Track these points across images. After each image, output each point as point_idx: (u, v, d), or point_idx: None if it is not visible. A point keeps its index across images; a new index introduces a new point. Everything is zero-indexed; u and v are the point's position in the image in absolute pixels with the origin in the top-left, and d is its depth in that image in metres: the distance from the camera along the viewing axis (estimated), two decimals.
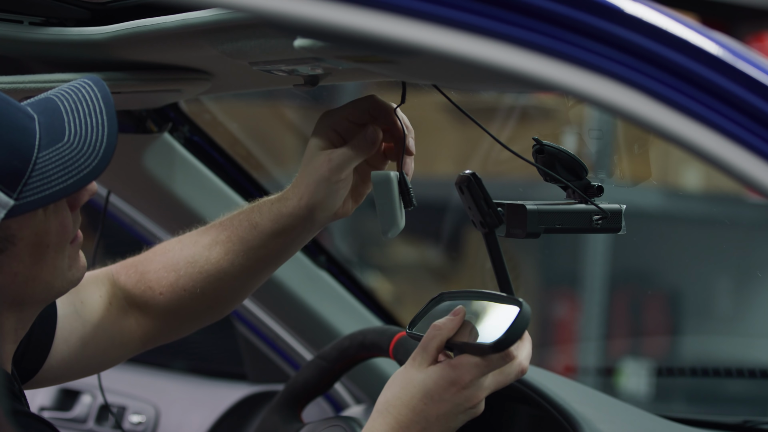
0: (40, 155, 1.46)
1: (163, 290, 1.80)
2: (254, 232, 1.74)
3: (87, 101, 1.51)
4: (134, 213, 2.53)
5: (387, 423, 1.58)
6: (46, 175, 1.45)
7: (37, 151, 1.46)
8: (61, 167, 1.46)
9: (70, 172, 1.46)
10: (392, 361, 2.03)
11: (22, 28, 1.75)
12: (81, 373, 1.85)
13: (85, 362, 1.80)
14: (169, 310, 1.81)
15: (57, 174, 1.45)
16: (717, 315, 5.83)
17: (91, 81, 1.54)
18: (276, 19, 1.20)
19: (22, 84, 1.72)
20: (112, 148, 1.48)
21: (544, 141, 1.64)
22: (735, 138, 1.17)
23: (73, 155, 1.46)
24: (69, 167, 1.46)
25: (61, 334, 1.75)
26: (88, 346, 1.79)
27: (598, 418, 1.99)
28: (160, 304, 1.81)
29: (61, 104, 1.51)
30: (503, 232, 1.63)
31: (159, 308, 1.81)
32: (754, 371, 2.91)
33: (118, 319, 1.82)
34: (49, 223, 1.50)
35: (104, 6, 1.77)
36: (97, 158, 1.47)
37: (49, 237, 1.50)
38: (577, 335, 5.63)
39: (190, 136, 2.34)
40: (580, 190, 1.64)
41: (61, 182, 1.45)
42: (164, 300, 1.80)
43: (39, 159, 1.45)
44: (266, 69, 1.66)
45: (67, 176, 1.46)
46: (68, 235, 1.53)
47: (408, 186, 1.66)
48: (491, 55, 1.14)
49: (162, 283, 1.80)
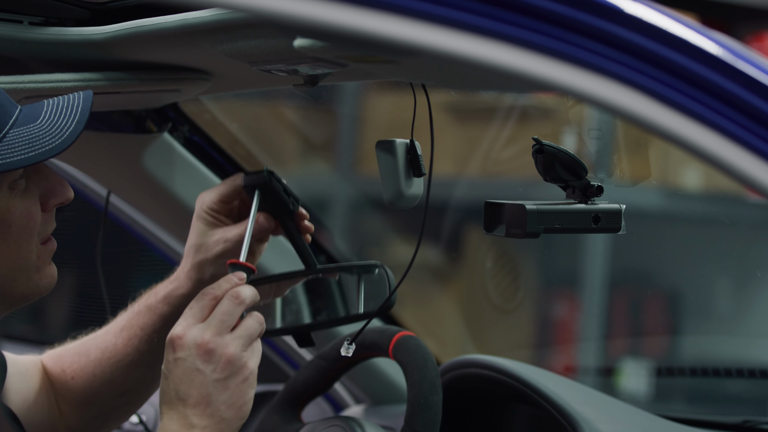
0: (11, 131, 1.49)
1: (75, 374, 1.81)
2: (152, 316, 1.76)
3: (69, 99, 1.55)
4: (134, 213, 2.53)
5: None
6: (12, 148, 1.48)
7: (9, 127, 1.49)
8: (26, 142, 1.48)
9: (34, 147, 1.48)
10: (392, 361, 2.03)
11: (22, 28, 1.75)
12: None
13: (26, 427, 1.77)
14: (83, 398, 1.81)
15: (21, 147, 1.48)
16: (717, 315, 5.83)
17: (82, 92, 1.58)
18: (276, 19, 1.20)
19: (22, 84, 1.72)
20: (78, 131, 1.50)
21: (544, 141, 1.64)
22: (735, 138, 1.17)
23: (41, 134, 1.49)
24: (34, 143, 1.48)
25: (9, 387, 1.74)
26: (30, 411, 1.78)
27: (598, 418, 1.99)
28: (72, 389, 1.81)
29: (47, 102, 1.55)
30: (503, 232, 1.63)
31: (73, 394, 1.82)
32: (754, 371, 2.91)
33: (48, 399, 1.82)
34: (14, 202, 1.51)
35: (104, 6, 1.77)
36: (61, 138, 1.50)
37: (11, 216, 1.51)
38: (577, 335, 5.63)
39: (190, 136, 2.33)
40: (580, 190, 1.64)
41: (22, 154, 1.47)
42: (76, 385, 1.81)
43: (9, 134, 1.49)
44: (266, 69, 1.66)
45: (29, 150, 1.48)
46: (33, 224, 1.53)
47: (418, 153, 1.65)
48: (491, 55, 1.14)
49: (74, 366, 1.81)
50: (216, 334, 1.53)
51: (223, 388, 1.52)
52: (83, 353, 1.81)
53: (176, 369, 1.53)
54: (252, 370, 1.55)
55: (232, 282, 1.58)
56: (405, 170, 1.64)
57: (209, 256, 1.73)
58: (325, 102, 4.43)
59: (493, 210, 1.63)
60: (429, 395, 1.89)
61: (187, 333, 1.53)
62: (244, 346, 1.54)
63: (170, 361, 1.54)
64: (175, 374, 1.53)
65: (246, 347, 1.55)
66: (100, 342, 1.81)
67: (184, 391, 1.52)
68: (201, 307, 1.55)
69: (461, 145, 5.22)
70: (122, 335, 1.79)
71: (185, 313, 1.56)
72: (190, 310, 1.56)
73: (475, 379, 2.18)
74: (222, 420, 1.53)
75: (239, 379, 1.53)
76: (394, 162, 1.64)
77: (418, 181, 1.65)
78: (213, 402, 1.52)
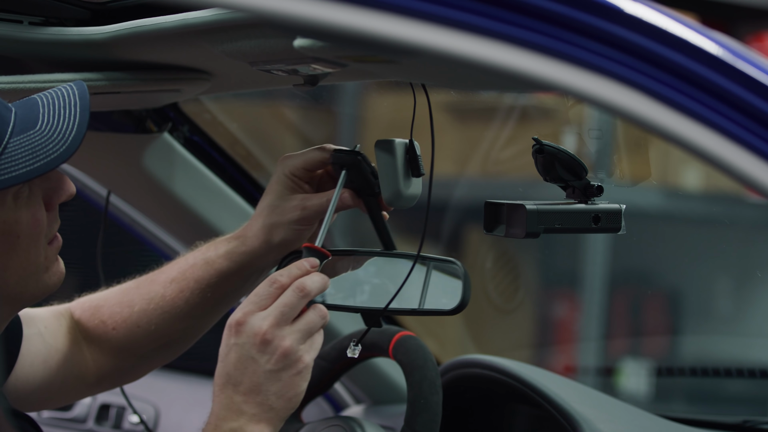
0: (11, 140, 1.47)
1: (117, 325, 1.80)
2: (210, 270, 1.75)
3: (64, 97, 1.53)
4: (134, 213, 2.53)
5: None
6: (15, 159, 1.46)
7: (8, 136, 1.47)
8: (30, 152, 1.47)
9: (37, 157, 1.47)
10: (392, 361, 2.03)
11: (22, 28, 1.75)
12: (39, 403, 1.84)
13: (45, 388, 1.78)
14: (122, 347, 1.81)
15: (24, 158, 1.47)
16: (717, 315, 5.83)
17: (74, 83, 1.56)
18: (276, 19, 1.20)
19: (22, 84, 1.72)
20: (80, 136, 1.49)
21: (544, 141, 1.64)
22: (735, 138, 1.17)
23: (43, 141, 1.48)
24: (37, 152, 1.47)
25: (26, 354, 1.75)
26: (50, 371, 1.78)
27: (598, 418, 1.99)
28: (112, 339, 1.81)
29: (40, 100, 1.53)
30: (503, 232, 1.63)
31: (112, 344, 1.81)
32: (754, 371, 2.91)
33: (75, 350, 1.81)
34: (20, 212, 1.50)
35: (104, 6, 1.77)
36: (65, 145, 1.48)
37: (19, 227, 1.50)
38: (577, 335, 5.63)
39: (190, 136, 2.33)
40: (580, 190, 1.64)
41: (27, 165, 1.46)
42: (117, 336, 1.80)
43: (10, 144, 1.47)
44: (266, 69, 1.66)
45: (33, 160, 1.47)
46: (40, 230, 1.53)
47: (417, 153, 1.65)
48: (491, 55, 1.14)
49: (116, 318, 1.80)
50: (275, 325, 1.52)
51: (276, 380, 1.53)
52: (126, 304, 1.80)
53: (232, 354, 1.53)
54: (307, 364, 1.54)
55: (303, 269, 1.56)
56: (404, 170, 1.64)
57: (284, 220, 1.70)
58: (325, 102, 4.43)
59: (493, 210, 1.63)
60: (429, 395, 1.89)
61: (247, 320, 1.52)
62: (301, 340, 1.54)
63: (228, 345, 1.54)
64: (230, 359, 1.53)
65: (303, 341, 1.54)
66: (144, 292, 1.79)
67: (237, 378, 1.53)
68: (266, 295, 1.54)
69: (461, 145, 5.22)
70: (172, 287, 1.77)
71: (249, 297, 1.54)
72: (255, 296, 1.54)
73: (475, 379, 2.18)
74: (271, 409, 1.53)
75: (292, 372, 1.53)
76: (393, 162, 1.63)
77: (417, 181, 1.65)
78: (263, 392, 1.53)
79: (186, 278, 1.76)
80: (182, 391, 2.97)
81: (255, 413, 1.53)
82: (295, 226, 1.69)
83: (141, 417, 2.85)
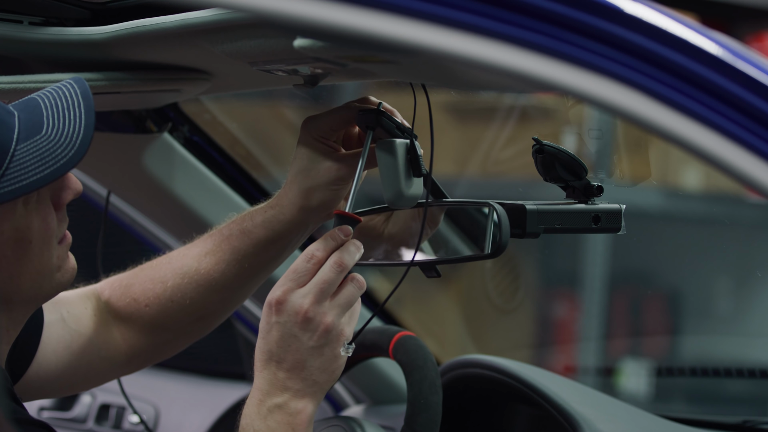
0: (18, 147, 1.46)
1: (149, 302, 1.80)
2: (246, 240, 1.74)
3: (66, 97, 1.52)
4: (134, 213, 2.53)
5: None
6: (24, 166, 1.46)
7: (15, 143, 1.46)
8: (38, 158, 1.46)
9: (47, 163, 1.46)
10: (392, 361, 2.03)
11: (22, 28, 1.75)
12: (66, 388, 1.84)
13: (71, 373, 1.78)
14: (156, 323, 1.80)
15: (34, 165, 1.46)
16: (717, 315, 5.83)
17: (73, 80, 1.55)
18: (276, 19, 1.20)
19: (22, 84, 1.72)
20: (88, 139, 1.49)
21: (544, 141, 1.64)
22: (735, 138, 1.17)
23: (50, 147, 1.47)
24: (46, 158, 1.47)
25: (48, 341, 1.75)
26: (75, 356, 1.78)
27: (598, 418, 1.99)
28: (145, 316, 1.80)
29: (42, 102, 1.52)
30: None
31: (144, 321, 1.81)
32: (754, 371, 2.91)
33: (103, 332, 1.81)
34: (30, 218, 1.50)
35: (104, 6, 1.77)
36: (73, 149, 1.48)
37: (31, 232, 1.50)
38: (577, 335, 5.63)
39: (190, 136, 2.33)
40: (580, 190, 1.64)
41: (37, 172, 1.46)
42: (150, 312, 1.80)
43: (17, 151, 1.46)
44: (266, 69, 1.66)
45: (43, 167, 1.46)
46: (51, 232, 1.53)
47: (418, 153, 1.64)
48: (491, 55, 1.14)
49: (148, 294, 1.80)
50: (315, 302, 1.52)
51: (318, 355, 1.53)
52: (158, 280, 1.79)
53: (273, 332, 1.53)
54: (348, 337, 1.55)
55: (338, 240, 1.56)
56: (405, 170, 1.64)
57: (320, 182, 1.68)
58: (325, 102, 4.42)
59: None
60: (429, 395, 1.89)
61: (287, 298, 1.52)
62: (341, 314, 1.54)
63: (269, 323, 1.53)
64: (272, 336, 1.53)
65: (344, 314, 1.54)
66: (177, 267, 1.78)
67: (280, 355, 1.53)
68: (304, 271, 1.53)
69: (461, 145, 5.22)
70: (207, 259, 1.76)
71: (287, 274, 1.54)
72: (293, 272, 1.54)
73: (475, 379, 2.18)
74: (315, 383, 1.54)
75: (335, 346, 1.54)
76: (394, 162, 1.63)
77: (418, 181, 1.65)
78: (307, 367, 1.53)
79: (222, 250, 1.75)
80: (182, 391, 2.97)
81: (299, 389, 1.53)
82: (332, 186, 1.68)
83: (141, 417, 2.85)
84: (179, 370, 3.06)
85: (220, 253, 1.75)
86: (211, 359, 3.11)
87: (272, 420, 1.53)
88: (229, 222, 1.77)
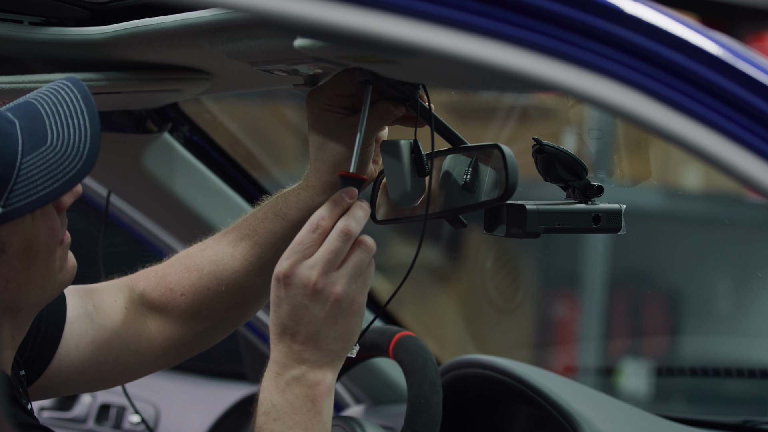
0: (24, 160, 1.45)
1: (185, 291, 1.78)
2: (282, 223, 1.72)
3: (67, 103, 1.50)
4: (134, 213, 2.53)
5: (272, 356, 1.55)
6: (31, 180, 1.44)
7: (20, 156, 1.45)
8: (46, 171, 1.45)
9: (56, 176, 1.45)
10: (392, 361, 2.03)
11: (22, 28, 1.75)
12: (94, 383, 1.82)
13: (97, 368, 1.77)
14: (192, 312, 1.79)
15: (42, 179, 1.44)
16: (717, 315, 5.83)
17: (70, 82, 1.52)
18: (276, 19, 1.20)
19: (22, 84, 1.72)
20: (96, 149, 1.47)
21: (544, 141, 1.64)
22: (735, 138, 1.17)
23: (57, 159, 1.46)
24: (54, 171, 1.45)
25: (70, 337, 1.74)
26: (101, 350, 1.76)
27: (598, 418, 1.99)
28: (181, 305, 1.78)
29: (41, 107, 1.50)
30: (503, 232, 1.62)
31: (180, 310, 1.79)
32: (754, 371, 2.91)
33: (134, 324, 1.79)
34: (38, 227, 1.49)
35: (104, 6, 1.77)
36: (81, 161, 1.46)
37: (39, 241, 1.49)
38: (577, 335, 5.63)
39: (190, 136, 2.34)
40: (580, 190, 1.64)
41: (46, 186, 1.45)
42: (186, 301, 1.78)
43: (23, 164, 1.45)
44: (266, 69, 1.66)
45: (52, 180, 1.45)
46: (57, 238, 1.52)
47: (422, 153, 1.64)
48: (491, 55, 1.14)
49: (183, 283, 1.78)
50: (323, 273, 1.50)
51: (333, 324, 1.51)
52: (193, 268, 1.77)
53: (284, 305, 1.51)
54: (361, 303, 1.53)
55: (342, 204, 1.53)
56: (410, 170, 1.63)
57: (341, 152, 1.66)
58: None
59: (493, 210, 1.63)
60: (429, 395, 1.89)
61: (294, 271, 1.50)
62: (352, 282, 1.52)
63: (279, 297, 1.51)
64: (283, 310, 1.51)
65: (355, 281, 1.52)
66: (212, 255, 1.76)
67: (293, 328, 1.51)
68: (310, 242, 1.51)
69: None
70: (243, 244, 1.74)
71: (293, 246, 1.51)
72: (299, 244, 1.51)
73: (475, 379, 2.19)
74: (331, 352, 1.52)
75: (348, 314, 1.52)
76: (399, 162, 1.63)
77: (423, 181, 1.65)
78: (322, 338, 1.51)
79: (258, 233, 1.74)
80: (182, 391, 2.97)
81: (316, 359, 1.52)
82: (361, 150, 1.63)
83: (142, 416, 2.85)
84: (179, 370, 3.06)
85: (256, 236, 1.74)
86: (211, 359, 3.12)
87: (290, 393, 1.51)
88: (262, 206, 1.75)
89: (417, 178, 1.63)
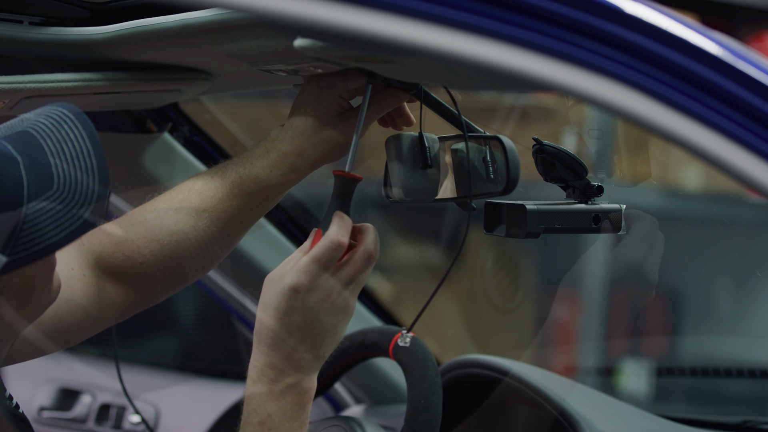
0: (30, 206, 1.36)
1: (145, 259, 1.74)
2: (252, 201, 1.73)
3: (72, 141, 1.42)
4: None
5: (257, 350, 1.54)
6: (38, 228, 1.37)
7: (26, 201, 1.36)
8: (53, 219, 1.37)
9: (62, 225, 1.38)
10: (392, 361, 2.03)
11: (22, 28, 1.75)
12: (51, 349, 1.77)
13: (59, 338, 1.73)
14: (152, 278, 1.76)
15: (49, 227, 1.37)
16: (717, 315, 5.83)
17: (72, 114, 1.44)
18: (276, 19, 1.20)
19: (22, 84, 1.72)
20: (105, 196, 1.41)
21: (544, 141, 1.64)
22: (735, 138, 1.17)
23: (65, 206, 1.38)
24: (61, 219, 1.38)
25: None
26: (63, 323, 1.71)
27: (598, 418, 1.99)
28: (141, 273, 1.75)
29: (44, 143, 1.41)
30: (503, 232, 1.62)
31: (140, 277, 1.75)
32: (754, 371, 2.91)
33: (94, 291, 1.74)
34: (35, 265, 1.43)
35: (104, 6, 1.77)
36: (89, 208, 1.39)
37: (36, 278, 1.45)
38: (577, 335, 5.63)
39: (190, 136, 2.34)
40: (580, 190, 1.64)
41: (53, 235, 1.37)
42: (146, 269, 1.75)
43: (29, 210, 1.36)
44: (266, 69, 1.66)
45: (59, 229, 1.37)
46: (52, 270, 1.48)
47: (426, 146, 1.64)
48: (491, 55, 1.14)
49: (143, 252, 1.74)
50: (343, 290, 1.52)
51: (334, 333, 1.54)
52: (153, 239, 1.73)
53: (296, 315, 1.51)
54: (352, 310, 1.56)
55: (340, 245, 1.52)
56: (413, 163, 1.64)
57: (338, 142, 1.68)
58: None
59: (494, 210, 1.63)
60: (429, 395, 1.89)
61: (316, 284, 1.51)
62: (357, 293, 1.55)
63: (292, 307, 1.51)
64: (294, 320, 1.51)
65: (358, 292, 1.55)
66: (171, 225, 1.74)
67: (300, 337, 1.52)
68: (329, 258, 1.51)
69: None
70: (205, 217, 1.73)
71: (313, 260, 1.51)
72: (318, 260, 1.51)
73: (475, 379, 2.18)
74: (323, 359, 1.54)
75: (345, 322, 1.55)
76: (402, 155, 1.63)
77: (425, 174, 1.65)
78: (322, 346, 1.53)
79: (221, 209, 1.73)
80: (182, 391, 2.97)
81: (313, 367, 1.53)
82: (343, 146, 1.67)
83: (142, 416, 2.85)
84: (179, 370, 3.06)
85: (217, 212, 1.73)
86: (211, 359, 3.12)
87: (284, 401, 1.52)
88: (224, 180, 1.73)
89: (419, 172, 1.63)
